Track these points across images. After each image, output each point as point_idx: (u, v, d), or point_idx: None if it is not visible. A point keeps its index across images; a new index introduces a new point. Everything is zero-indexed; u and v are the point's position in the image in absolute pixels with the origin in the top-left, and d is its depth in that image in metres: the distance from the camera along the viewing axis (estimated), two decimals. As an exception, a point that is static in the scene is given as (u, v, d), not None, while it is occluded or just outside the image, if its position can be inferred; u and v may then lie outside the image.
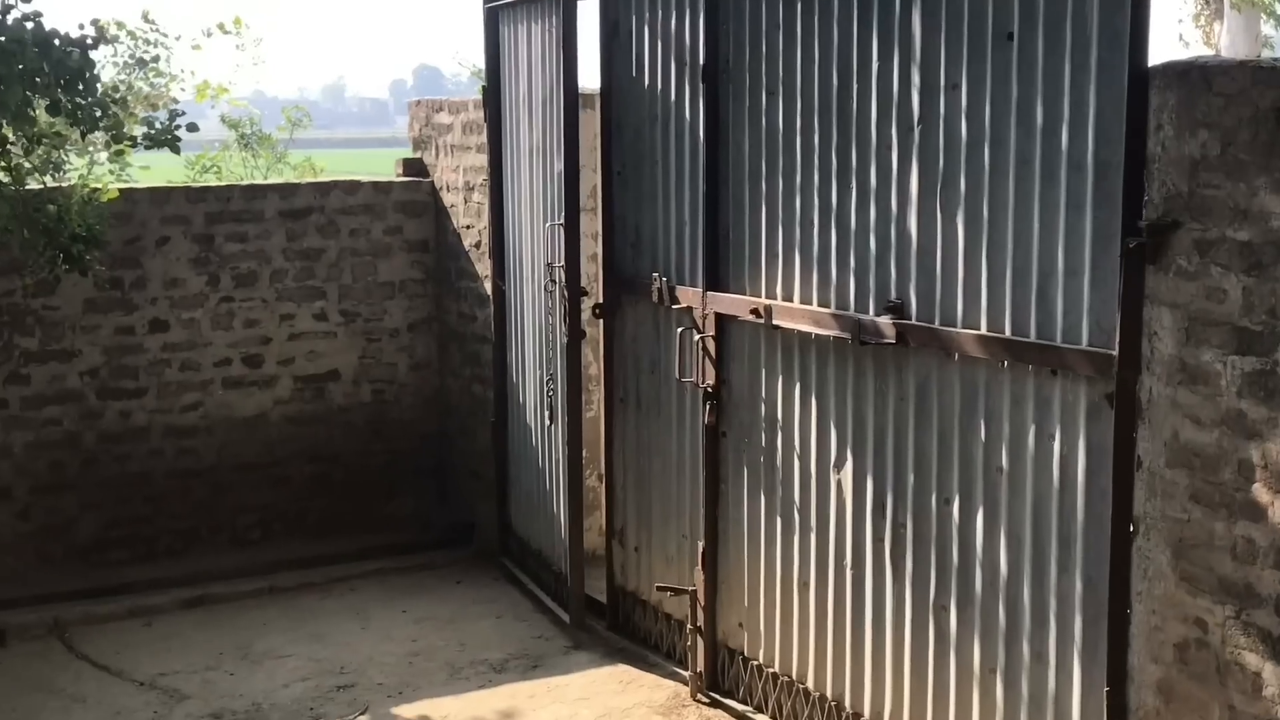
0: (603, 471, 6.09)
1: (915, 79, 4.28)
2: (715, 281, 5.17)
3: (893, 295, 4.41)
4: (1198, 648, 3.65)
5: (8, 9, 5.59)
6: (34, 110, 5.58)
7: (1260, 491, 3.48)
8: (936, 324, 4.26)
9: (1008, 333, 4.05)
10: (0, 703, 5.32)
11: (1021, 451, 4.06)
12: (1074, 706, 3.97)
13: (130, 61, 8.37)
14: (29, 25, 5.59)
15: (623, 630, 5.92)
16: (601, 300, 5.92)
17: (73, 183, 6.32)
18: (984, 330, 4.11)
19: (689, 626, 5.35)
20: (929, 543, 4.38)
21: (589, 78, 6.02)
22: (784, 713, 5.01)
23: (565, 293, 5.78)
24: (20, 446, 6.81)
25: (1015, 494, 4.09)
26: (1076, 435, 3.90)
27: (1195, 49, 18.99)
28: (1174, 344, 3.64)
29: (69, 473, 6.91)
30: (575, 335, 5.85)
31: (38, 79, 5.39)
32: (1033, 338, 3.97)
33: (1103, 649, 3.84)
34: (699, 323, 5.23)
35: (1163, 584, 3.72)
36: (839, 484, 4.71)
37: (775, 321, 4.85)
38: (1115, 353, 3.73)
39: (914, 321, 4.33)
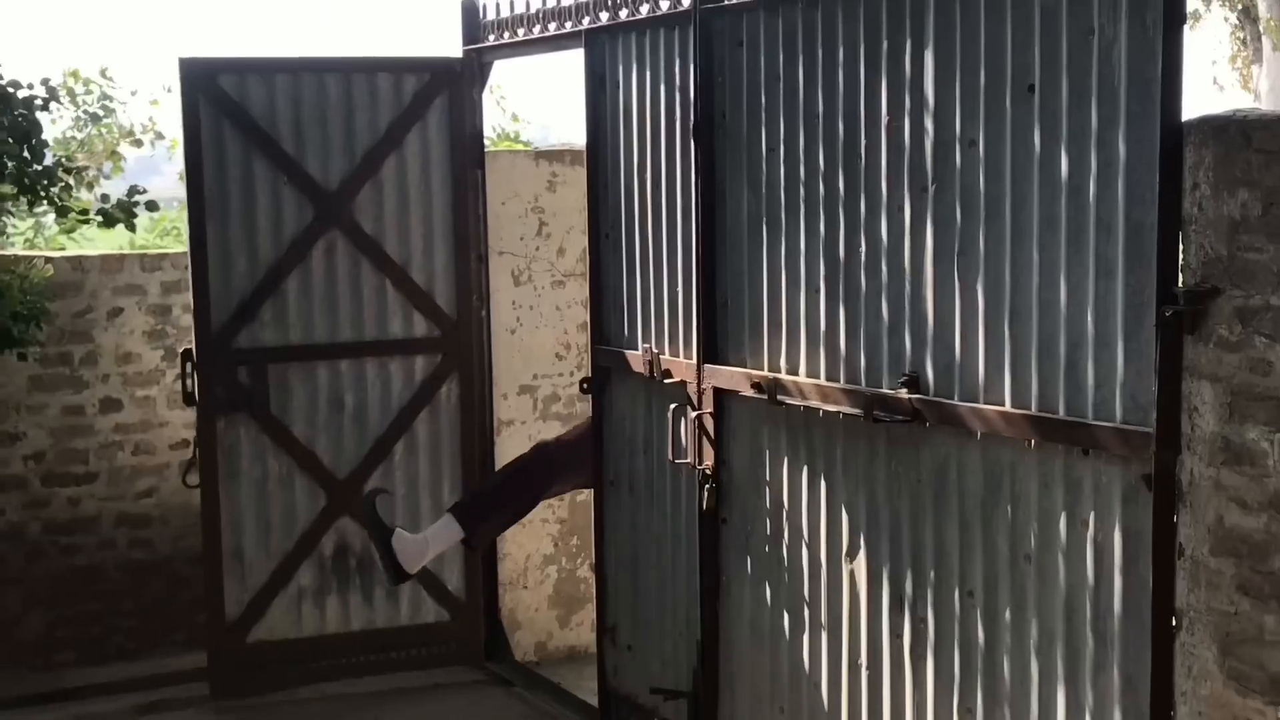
0: (594, 561, 6.03)
1: (929, 134, 4.27)
2: (712, 353, 5.14)
3: (908, 368, 4.37)
4: (1249, 753, 3.59)
5: None
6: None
7: (1314, 582, 3.44)
8: (956, 399, 4.23)
9: (1034, 409, 4.01)
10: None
11: (1052, 539, 4.01)
12: (1114, 820, 3.91)
13: (84, 117, 8.39)
14: None
15: (617, 736, 5.85)
16: (589, 374, 5.89)
17: (14, 253, 6.31)
18: (1008, 406, 4.08)
19: (689, 732, 5.30)
20: (952, 640, 4.32)
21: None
22: (795, 827, 4.94)
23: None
24: (-44, 540, 6.77)
25: (1046, 585, 4.03)
26: (1112, 521, 3.86)
27: (1231, 94, 19.08)
28: (1216, 421, 3.60)
29: (12, 567, 6.88)
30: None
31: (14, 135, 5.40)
32: (1062, 414, 3.94)
33: (1145, 756, 3.79)
34: (695, 398, 5.20)
35: (1209, 683, 3.66)
36: (852, 575, 4.65)
37: (779, 397, 4.82)
38: (1152, 430, 3.69)
39: (931, 397, 4.29)
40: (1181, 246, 3.65)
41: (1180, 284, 3.64)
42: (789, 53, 4.75)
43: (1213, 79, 19.72)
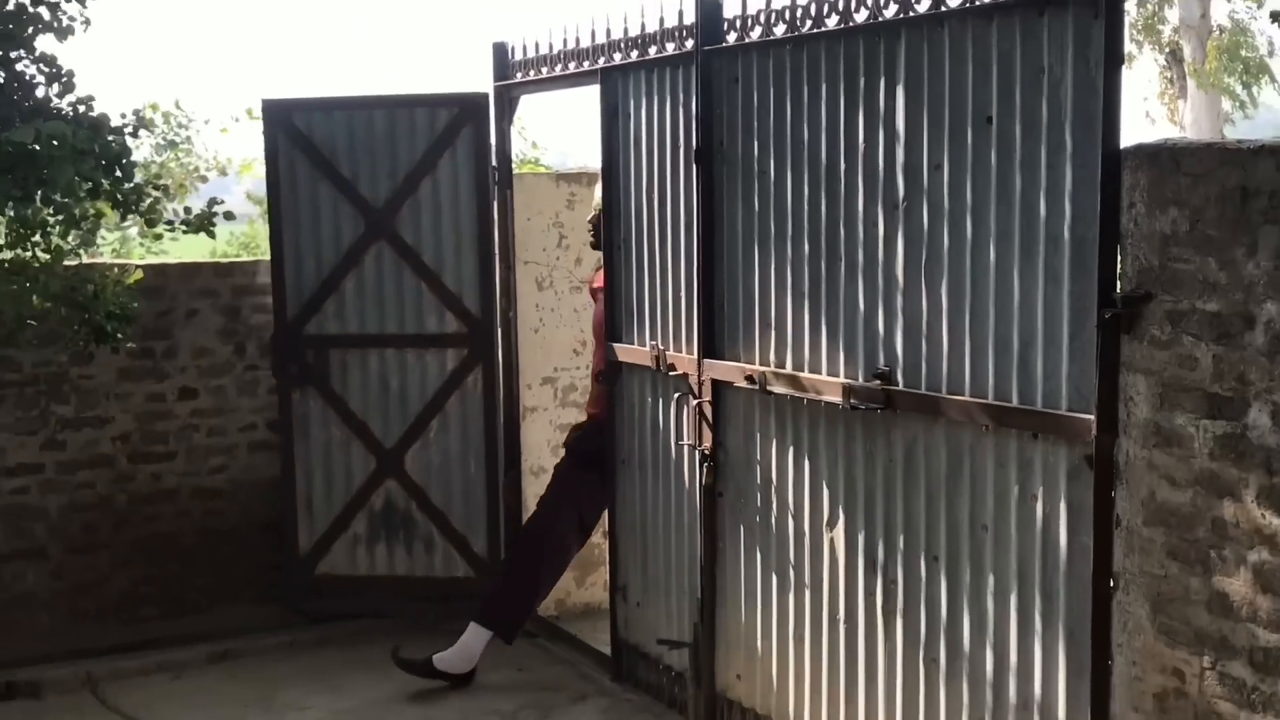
0: (607, 530, 6.04)
1: (900, 159, 4.27)
2: (710, 350, 5.14)
3: (881, 363, 4.38)
4: (1176, 697, 3.60)
5: (64, 91, 5.60)
6: (81, 192, 5.58)
7: (1233, 548, 3.44)
8: (923, 390, 4.23)
9: (991, 398, 4.02)
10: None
11: (1006, 511, 4.01)
12: (1059, 754, 3.91)
13: (162, 143, 8.40)
14: (81, 109, 5.59)
15: (626, 682, 5.85)
16: (603, 367, 5.90)
17: (105, 260, 6.31)
18: (968, 396, 4.08)
19: (689, 678, 5.29)
20: (918, 598, 4.33)
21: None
22: (781, 760, 4.94)
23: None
24: (55, 509, 6.77)
25: (1000, 551, 4.04)
26: (1058, 495, 3.86)
27: (1161, 125, 19.10)
28: (1149, 409, 3.62)
29: (101, 533, 6.87)
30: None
31: (88, 161, 5.39)
32: (1015, 403, 3.94)
33: (1086, 699, 3.79)
34: (695, 389, 5.21)
35: (1142, 637, 3.67)
36: (831, 542, 4.66)
37: (769, 387, 4.83)
38: (1093, 417, 3.70)
39: (901, 387, 4.30)
40: (1119, 257, 3.66)
41: (1118, 290, 3.65)
42: (778, 88, 4.75)
43: (1145, 112, 19.73)
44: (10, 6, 5.55)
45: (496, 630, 5.91)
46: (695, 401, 5.19)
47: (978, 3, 3.98)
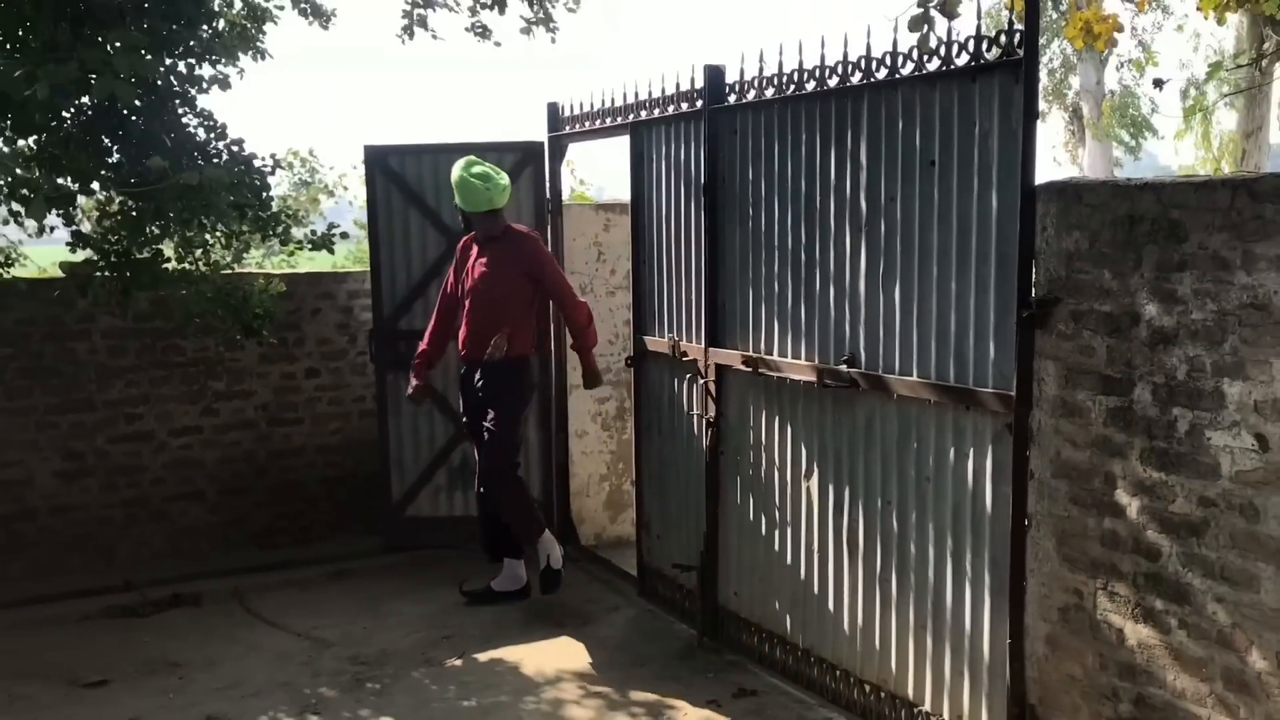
0: (634, 478, 6.03)
1: (863, 192, 4.25)
2: (715, 340, 5.12)
3: (847, 351, 4.36)
4: (1075, 611, 3.58)
5: (219, 138, 5.62)
6: (233, 217, 5.60)
7: (1120, 495, 3.43)
8: (880, 372, 4.21)
9: (933, 378, 3.99)
10: (197, 648, 5.27)
11: (944, 466, 3.99)
12: (984, 653, 3.90)
13: (297, 181, 8.41)
14: (234, 149, 5.60)
15: (649, 597, 5.84)
16: (632, 354, 5.89)
17: (253, 271, 6.33)
18: (915, 377, 4.06)
19: (697, 594, 5.28)
20: (875, 533, 4.32)
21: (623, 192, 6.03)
22: (767, 659, 4.93)
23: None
24: (211, 461, 6.80)
25: (939, 497, 4.02)
26: (985, 454, 3.84)
27: (1065, 168, 19.00)
28: (1056, 387, 3.59)
29: (246, 480, 6.90)
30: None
31: (238, 193, 5.40)
32: (952, 382, 3.92)
33: (1005, 612, 3.78)
34: (702, 371, 5.19)
35: (1049, 564, 3.65)
36: (808, 490, 4.64)
37: (760, 370, 4.81)
38: (1013, 394, 3.68)
39: (863, 370, 4.28)
40: (1034, 269, 3.63)
41: (1033, 295, 3.63)
42: (769, 136, 4.73)
43: (1053, 158, 19.63)
44: (181, 68, 5.55)
45: (518, 554, 5.87)
46: (702, 381, 5.17)
47: (924, 72, 3.95)
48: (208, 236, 5.99)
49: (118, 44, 4.38)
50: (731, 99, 4.93)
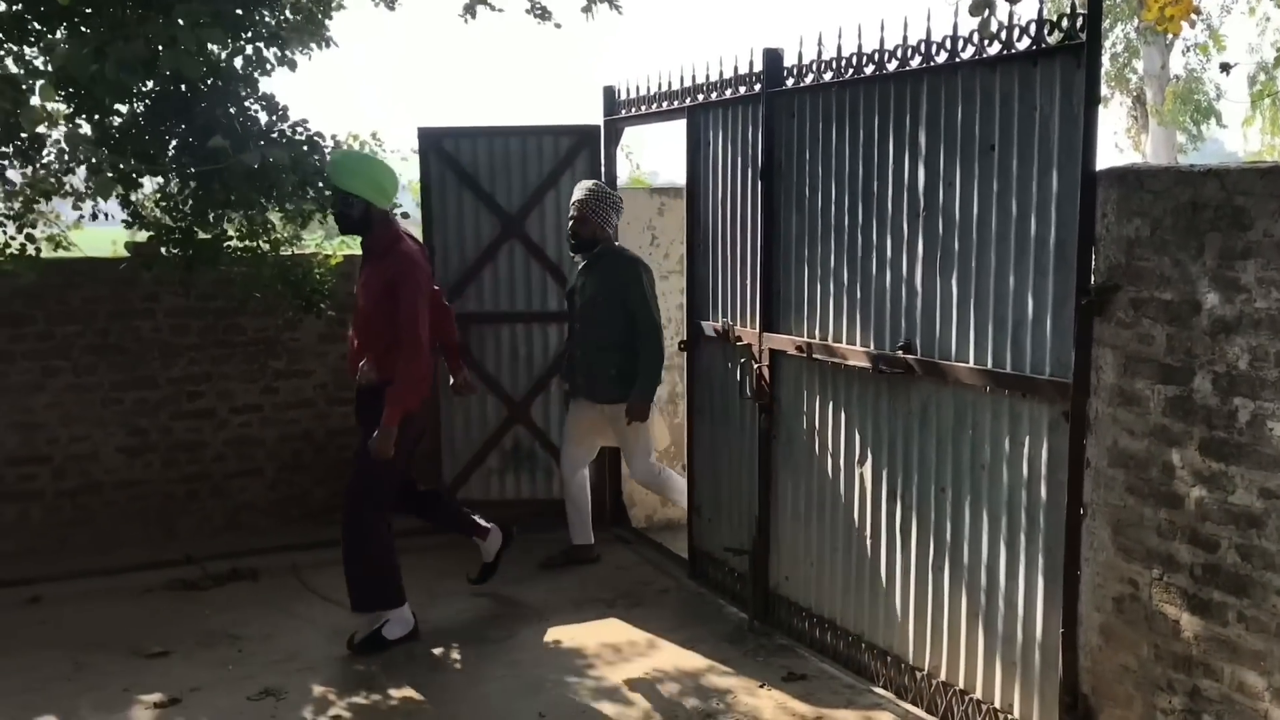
0: (686, 462, 6.06)
1: (921, 177, 4.23)
2: (769, 325, 5.13)
3: (903, 337, 4.35)
4: (1130, 601, 3.56)
5: (280, 120, 5.70)
6: (302, 198, 5.69)
7: (1178, 485, 3.39)
8: (936, 359, 4.20)
9: (990, 366, 3.98)
10: (254, 621, 5.39)
11: (999, 453, 3.98)
12: (1037, 642, 3.88)
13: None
14: (299, 131, 5.67)
15: (699, 579, 5.87)
16: (686, 338, 5.91)
17: (311, 251, 6.42)
18: (972, 364, 4.04)
19: (748, 578, 5.31)
20: (929, 519, 4.31)
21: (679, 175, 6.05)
22: (817, 643, 4.94)
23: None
24: (271, 438, 6.93)
25: (994, 485, 4.01)
26: (1041, 442, 3.82)
27: (1127, 154, 18.71)
28: (1114, 375, 3.56)
29: (305, 457, 7.02)
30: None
31: (299, 173, 5.48)
32: (1009, 369, 3.90)
33: (1059, 600, 3.76)
34: (756, 355, 5.20)
35: (1104, 553, 3.63)
36: (861, 476, 4.64)
37: (814, 355, 4.81)
38: (1071, 382, 3.65)
39: (919, 357, 4.27)
40: (1093, 256, 3.60)
41: (1092, 282, 3.60)
42: (826, 121, 4.72)
43: (1114, 144, 19.31)
44: (248, 51, 5.63)
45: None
46: (756, 366, 5.18)
47: (984, 56, 3.92)
48: (269, 216, 6.08)
49: (180, 22, 4.46)
50: (789, 83, 4.92)
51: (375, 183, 4.92)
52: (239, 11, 5.42)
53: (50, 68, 4.31)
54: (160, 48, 4.50)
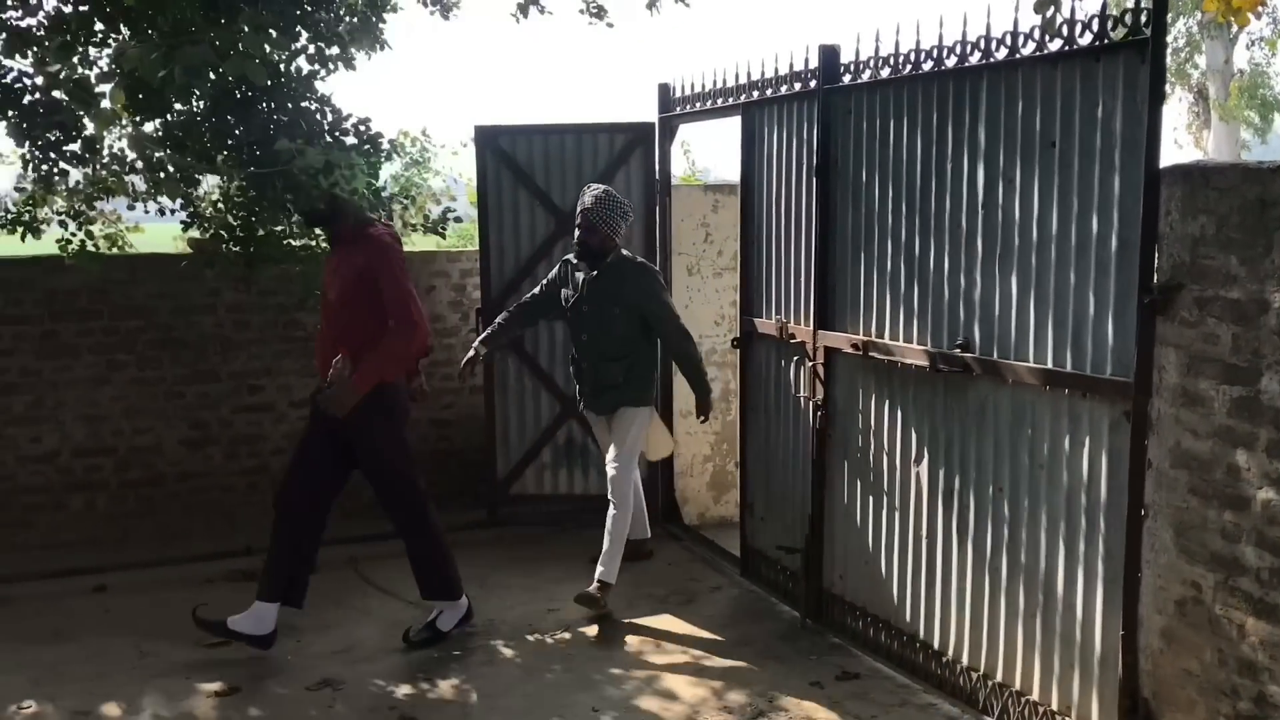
0: (739, 460, 6.05)
1: (981, 174, 4.19)
2: (823, 322, 5.11)
3: (961, 335, 4.31)
4: (1193, 604, 3.50)
5: (338, 123, 5.76)
6: (364, 195, 5.75)
7: (1243, 488, 3.34)
8: (995, 357, 4.16)
9: (1050, 365, 3.93)
10: (313, 613, 5.45)
11: (1059, 454, 3.93)
12: (1096, 644, 3.84)
13: (410, 162, 8.54)
14: (360, 129, 5.74)
15: (751, 577, 5.86)
16: (739, 335, 5.90)
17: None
18: (1031, 363, 4.00)
19: (800, 576, 5.29)
20: (986, 519, 4.27)
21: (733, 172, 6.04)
22: (871, 643, 4.92)
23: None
24: (328, 433, 7.00)
25: (1053, 485, 3.96)
26: (1101, 442, 3.77)
27: (1188, 151, 18.40)
28: (1178, 375, 3.51)
29: (361, 452, 7.08)
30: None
31: (367, 170, 5.55)
32: (1069, 369, 3.86)
33: (1119, 602, 3.72)
34: (810, 353, 5.18)
35: (1166, 555, 3.58)
36: (917, 475, 4.61)
37: (870, 353, 4.78)
38: (1132, 381, 3.61)
39: (977, 355, 4.23)
40: (1157, 255, 3.55)
41: (1155, 281, 3.55)
42: (883, 118, 4.69)
43: (1174, 140, 19.00)
44: (311, 51, 5.71)
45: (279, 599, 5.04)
46: (810, 363, 5.16)
47: (1045, 52, 3.87)
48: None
49: (245, 27, 4.54)
50: (846, 79, 4.90)
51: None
52: (298, 14, 5.49)
53: (121, 70, 4.40)
54: (228, 52, 4.58)
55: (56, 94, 4.20)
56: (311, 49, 5.72)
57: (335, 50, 5.84)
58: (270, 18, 4.97)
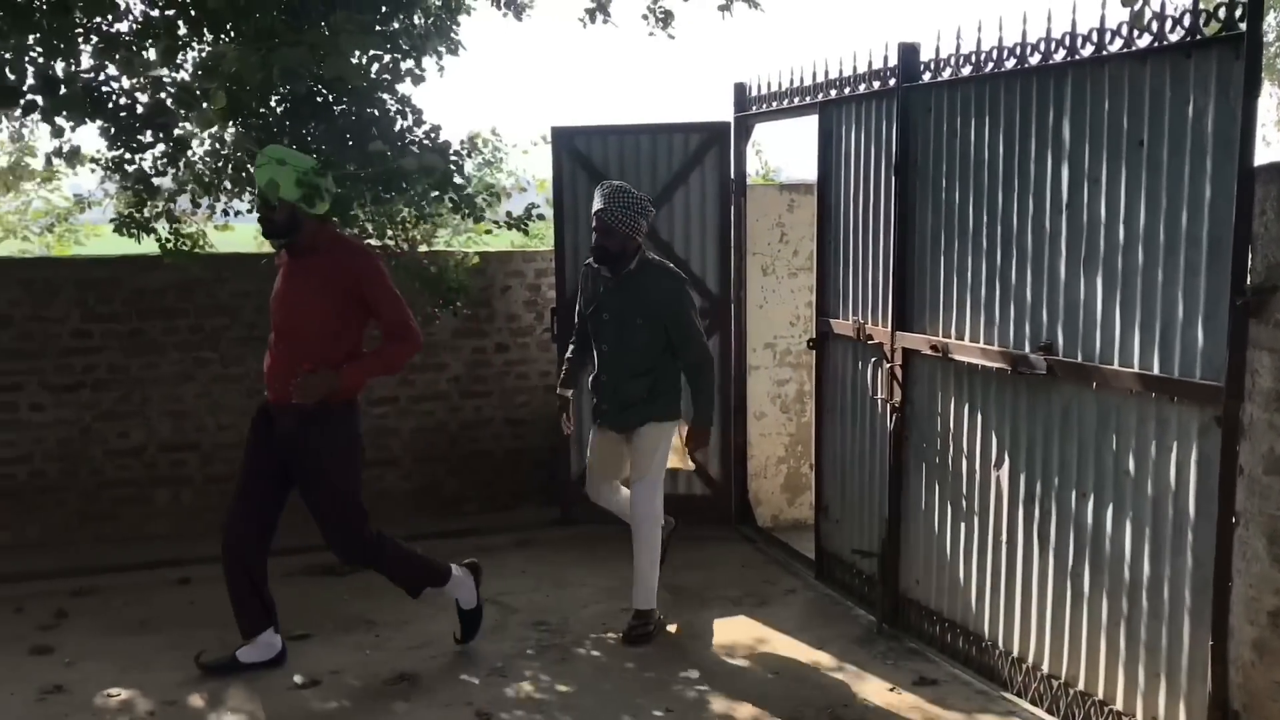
0: (813, 462, 6.01)
1: (1065, 173, 4.12)
2: (902, 323, 5.06)
3: (1044, 338, 4.24)
4: (1287, 616, 3.40)
5: (417, 124, 5.85)
6: (429, 198, 5.82)
7: (1343, 497, 3.23)
8: (1080, 360, 4.08)
9: (1136, 368, 3.85)
10: (390, 607, 5.53)
11: (1145, 459, 3.85)
12: (1184, 655, 3.75)
13: (482, 162, 8.62)
14: (431, 136, 5.82)
15: (826, 580, 5.82)
16: (815, 336, 5.86)
17: (449, 249, 6.56)
18: (1117, 366, 3.92)
19: (877, 580, 5.24)
20: (1069, 525, 4.20)
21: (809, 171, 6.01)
22: (949, 648, 4.86)
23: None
24: (407, 430, 7.11)
25: (1139, 491, 3.88)
26: (1190, 448, 3.69)
27: (1276, 148, 17.90)
28: (1271, 379, 3.41)
29: (438, 449, 7.19)
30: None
31: (434, 176, 5.61)
32: (1156, 372, 3.77)
33: (1207, 612, 3.62)
34: (888, 355, 5.13)
35: (1259, 565, 3.48)
36: (997, 479, 4.54)
37: (950, 355, 4.72)
38: (1223, 385, 3.51)
39: (1061, 358, 4.15)
40: (1250, 256, 3.45)
41: (1248, 282, 3.45)
42: (964, 116, 4.63)
43: (1262, 137, 18.51)
44: (387, 57, 5.80)
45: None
46: (888, 365, 5.12)
47: (1134, 48, 3.79)
48: (405, 214, 6.25)
49: (328, 30, 4.63)
50: (926, 77, 4.84)
51: (304, 183, 4.48)
52: (379, 15, 5.57)
53: (221, 72, 4.51)
54: (321, 54, 4.69)
55: (160, 96, 4.32)
56: (387, 57, 5.80)
57: (412, 52, 5.92)
58: (354, 20, 5.05)
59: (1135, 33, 3.77)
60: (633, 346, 5.09)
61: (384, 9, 5.60)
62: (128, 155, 5.72)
